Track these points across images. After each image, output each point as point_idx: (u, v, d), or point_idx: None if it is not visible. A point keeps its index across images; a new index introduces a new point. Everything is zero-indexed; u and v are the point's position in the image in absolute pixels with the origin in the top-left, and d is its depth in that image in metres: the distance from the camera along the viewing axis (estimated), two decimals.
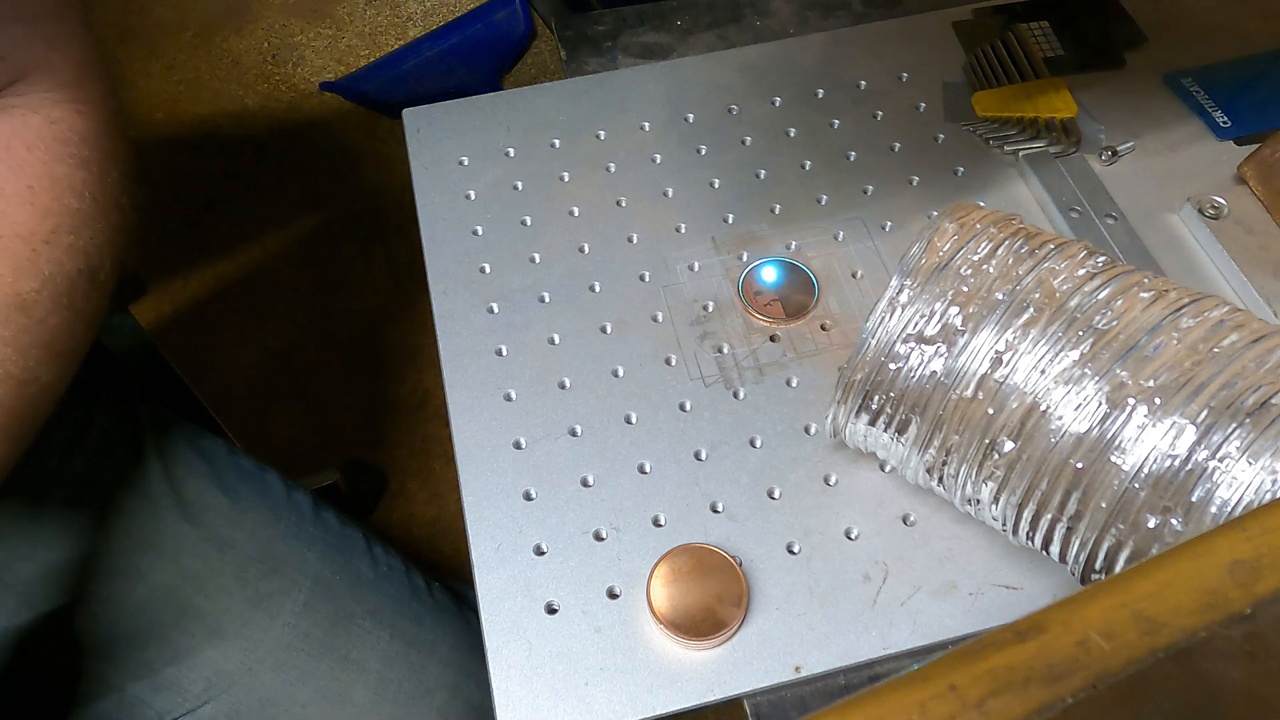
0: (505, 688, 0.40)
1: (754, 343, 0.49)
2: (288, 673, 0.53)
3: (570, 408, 0.47)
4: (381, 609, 0.56)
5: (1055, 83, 0.57)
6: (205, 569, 0.53)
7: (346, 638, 0.55)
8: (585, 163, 0.57)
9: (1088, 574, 0.36)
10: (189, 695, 0.52)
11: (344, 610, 0.55)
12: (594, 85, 0.60)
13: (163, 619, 0.52)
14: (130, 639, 0.52)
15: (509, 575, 0.42)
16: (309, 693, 0.53)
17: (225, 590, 0.53)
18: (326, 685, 0.53)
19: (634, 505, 0.44)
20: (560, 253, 0.53)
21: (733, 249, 0.53)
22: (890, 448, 0.40)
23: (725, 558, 0.42)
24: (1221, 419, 0.32)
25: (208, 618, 0.53)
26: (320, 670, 0.53)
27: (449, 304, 0.51)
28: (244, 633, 0.53)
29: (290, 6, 1.51)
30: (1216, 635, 0.19)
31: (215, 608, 0.53)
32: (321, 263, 1.26)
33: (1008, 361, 0.35)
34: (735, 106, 0.59)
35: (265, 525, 0.56)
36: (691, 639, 0.40)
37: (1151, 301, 0.35)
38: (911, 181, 0.55)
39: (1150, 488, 0.33)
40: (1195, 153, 0.55)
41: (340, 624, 0.55)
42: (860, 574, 0.42)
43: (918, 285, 0.37)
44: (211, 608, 0.53)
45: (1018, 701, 0.18)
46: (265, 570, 0.54)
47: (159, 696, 0.52)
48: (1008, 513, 0.37)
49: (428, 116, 0.59)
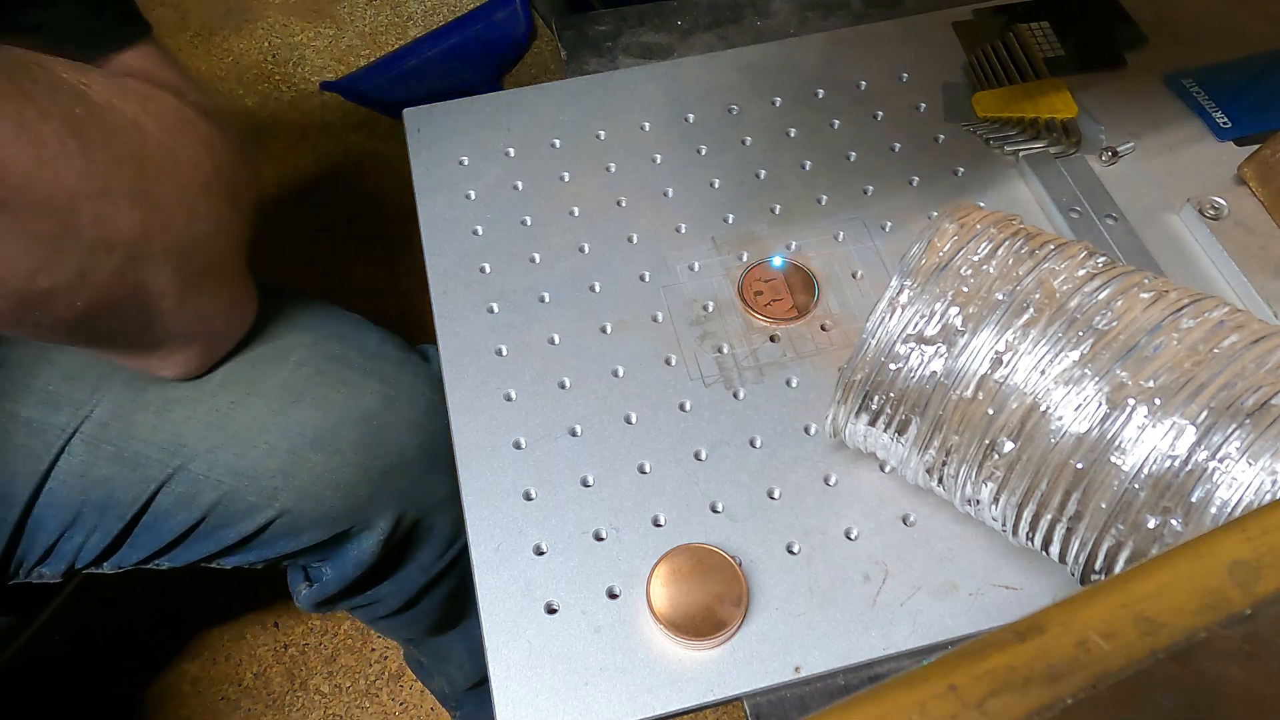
0: (505, 687, 0.40)
1: (754, 343, 0.49)
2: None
3: (570, 408, 0.47)
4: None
5: (1055, 83, 0.57)
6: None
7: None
8: (585, 163, 0.57)
9: (1088, 574, 0.36)
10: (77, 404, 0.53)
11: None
12: (594, 85, 0.60)
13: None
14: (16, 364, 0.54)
15: (509, 575, 0.42)
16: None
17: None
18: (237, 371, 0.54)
19: (634, 505, 0.44)
20: (560, 253, 0.53)
21: (733, 249, 0.53)
22: (890, 448, 0.40)
23: (725, 558, 0.42)
24: (1221, 420, 0.32)
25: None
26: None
27: (449, 304, 0.51)
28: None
29: (290, 6, 1.51)
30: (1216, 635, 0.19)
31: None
32: (321, 263, 1.26)
33: (1008, 362, 0.35)
34: (735, 106, 0.59)
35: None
36: (691, 639, 0.40)
37: (1151, 302, 0.35)
38: (911, 182, 0.55)
39: (1150, 488, 0.33)
40: (1195, 153, 0.55)
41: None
42: (860, 574, 0.42)
43: (918, 285, 0.37)
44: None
45: (1018, 702, 0.18)
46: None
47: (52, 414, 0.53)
48: (1008, 513, 0.37)
49: (428, 116, 0.59)
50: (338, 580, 0.61)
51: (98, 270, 0.40)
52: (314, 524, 0.56)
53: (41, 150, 0.37)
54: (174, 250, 0.43)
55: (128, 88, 0.44)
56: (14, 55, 0.38)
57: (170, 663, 1.00)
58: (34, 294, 0.39)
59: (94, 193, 0.39)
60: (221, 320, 0.50)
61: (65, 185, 0.38)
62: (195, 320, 0.48)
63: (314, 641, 1.01)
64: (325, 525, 0.56)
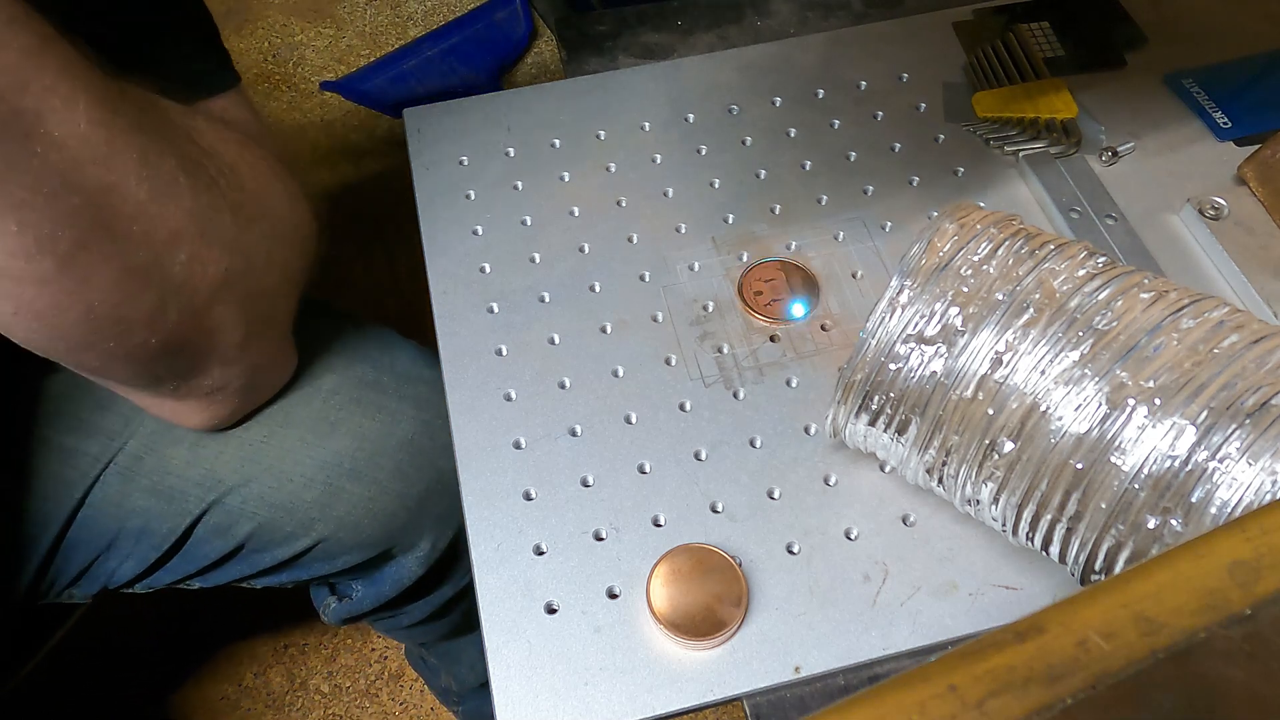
0: (505, 687, 0.40)
1: (754, 343, 0.49)
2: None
3: (570, 408, 0.47)
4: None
5: (1055, 83, 0.57)
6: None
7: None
8: (585, 163, 0.57)
9: (1088, 574, 0.36)
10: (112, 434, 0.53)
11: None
12: (594, 85, 0.60)
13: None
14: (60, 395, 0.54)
15: (509, 575, 0.42)
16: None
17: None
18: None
19: (634, 505, 0.44)
20: (560, 253, 0.53)
21: (733, 249, 0.53)
22: (890, 448, 0.40)
23: (725, 558, 0.42)
24: (1221, 420, 0.32)
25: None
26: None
27: (449, 304, 0.51)
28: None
29: (290, 6, 1.51)
30: (1216, 635, 0.19)
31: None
32: (321, 262, 1.25)
33: (1008, 362, 0.35)
34: (735, 106, 0.59)
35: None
36: (691, 639, 0.40)
37: (1152, 302, 0.35)
38: (912, 182, 0.55)
39: (1150, 488, 0.33)
40: (1195, 153, 0.55)
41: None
42: (860, 574, 0.42)
43: (918, 285, 0.37)
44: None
45: (1017, 702, 0.18)
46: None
47: (88, 442, 0.53)
48: (1008, 513, 0.37)
49: (428, 116, 0.59)
50: (372, 599, 0.61)
51: (178, 309, 0.40)
52: (351, 549, 0.56)
53: (157, 185, 0.38)
54: (248, 299, 0.44)
55: (226, 135, 0.44)
56: (137, 92, 0.39)
57: (170, 662, 1.00)
58: (114, 322, 0.39)
59: (194, 233, 0.40)
60: (264, 375, 0.50)
61: (170, 223, 0.38)
62: (246, 371, 0.48)
63: (314, 641, 1.01)
64: (362, 550, 0.56)
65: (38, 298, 0.36)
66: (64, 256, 0.35)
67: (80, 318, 0.37)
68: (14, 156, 0.33)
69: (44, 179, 0.34)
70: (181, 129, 0.41)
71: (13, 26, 0.32)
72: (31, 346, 0.39)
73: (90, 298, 0.37)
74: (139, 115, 0.37)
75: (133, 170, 0.37)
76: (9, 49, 0.32)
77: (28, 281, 0.35)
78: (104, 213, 0.36)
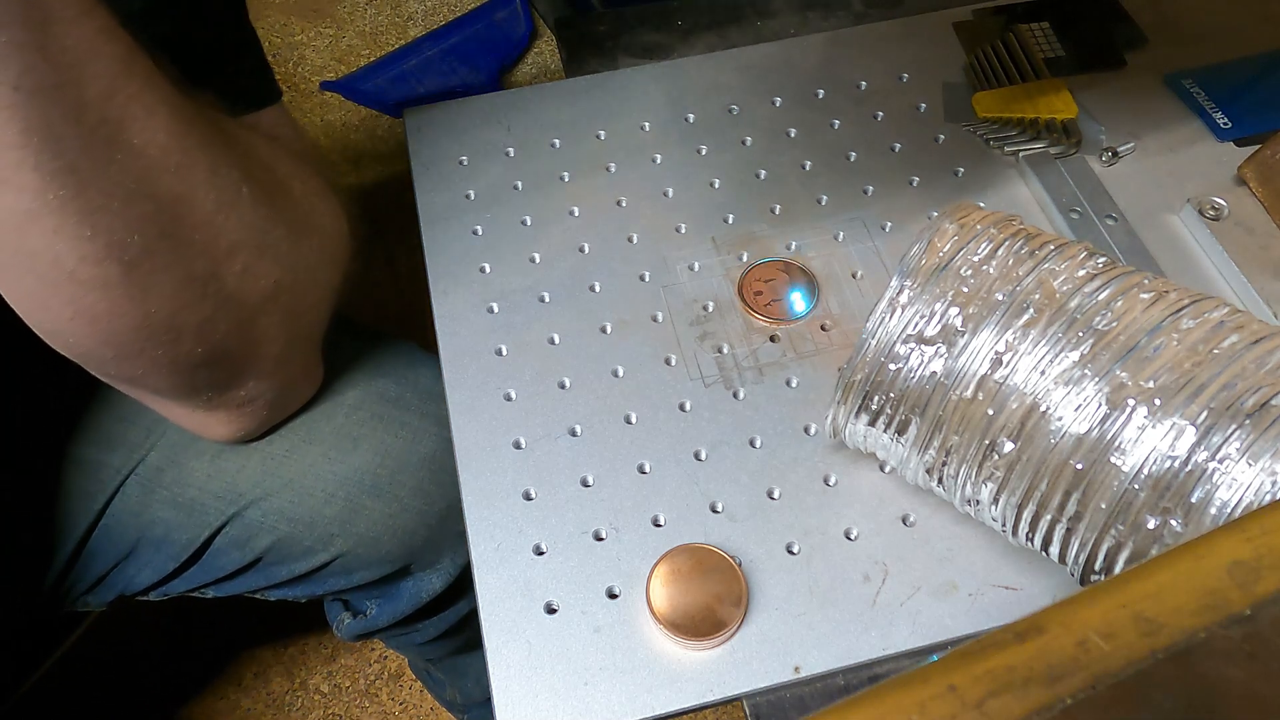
0: (505, 687, 0.40)
1: (754, 343, 0.49)
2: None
3: (570, 408, 0.47)
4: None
5: (1056, 83, 0.57)
6: None
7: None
8: (585, 163, 0.57)
9: (1087, 575, 0.36)
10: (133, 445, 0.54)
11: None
12: (594, 85, 0.60)
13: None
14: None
15: (509, 575, 0.42)
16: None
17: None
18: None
19: (634, 505, 0.44)
20: (560, 253, 0.53)
21: (733, 249, 0.53)
22: (890, 448, 0.40)
23: (725, 558, 0.42)
24: (1221, 420, 0.32)
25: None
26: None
27: (449, 304, 0.51)
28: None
29: (290, 6, 1.51)
30: (1216, 636, 0.19)
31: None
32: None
33: (1008, 362, 0.35)
34: (735, 106, 0.59)
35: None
36: (691, 639, 0.40)
37: (1152, 302, 0.35)
38: (912, 182, 0.55)
39: (1150, 489, 0.33)
40: (1195, 153, 0.55)
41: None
42: (860, 574, 0.42)
43: (918, 286, 0.37)
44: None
45: (1017, 702, 0.18)
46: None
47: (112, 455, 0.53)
48: (1007, 513, 0.37)
49: (428, 116, 0.59)
50: (388, 615, 0.61)
51: (228, 320, 0.40)
52: (369, 565, 0.56)
53: (223, 197, 0.38)
54: (291, 314, 0.44)
55: (278, 149, 0.44)
56: (206, 105, 0.39)
57: (170, 663, 1.00)
58: (167, 330, 0.39)
59: (251, 245, 0.40)
60: (294, 389, 0.50)
61: (231, 234, 0.39)
62: (279, 384, 0.48)
63: (314, 641, 1.01)
64: (380, 566, 0.56)
65: (98, 302, 0.36)
66: (130, 263, 0.35)
67: (136, 324, 0.37)
68: (97, 163, 0.33)
69: (120, 185, 0.34)
70: (243, 142, 0.41)
71: (104, 35, 0.33)
72: (76, 351, 0.39)
73: (149, 305, 0.37)
74: (209, 128, 0.38)
75: (202, 181, 0.37)
76: (101, 57, 0.32)
77: (92, 286, 0.35)
78: (172, 221, 0.36)
